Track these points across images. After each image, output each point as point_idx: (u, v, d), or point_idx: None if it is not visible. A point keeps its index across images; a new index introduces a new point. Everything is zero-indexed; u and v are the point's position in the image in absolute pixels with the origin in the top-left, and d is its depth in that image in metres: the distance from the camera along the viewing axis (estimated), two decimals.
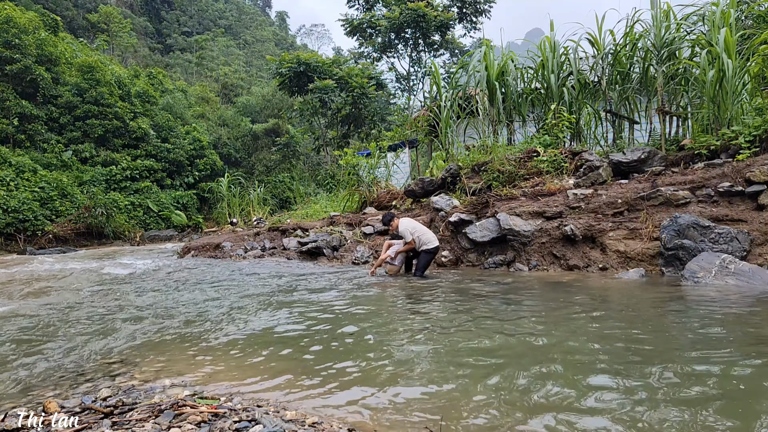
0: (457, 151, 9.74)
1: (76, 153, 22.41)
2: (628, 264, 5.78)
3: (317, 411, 2.25)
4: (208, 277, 7.37)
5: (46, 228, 17.84)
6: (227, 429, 1.92)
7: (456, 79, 10.35)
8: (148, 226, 22.77)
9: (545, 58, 8.89)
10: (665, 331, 3.35)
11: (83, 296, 5.95)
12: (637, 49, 8.28)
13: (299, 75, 22.01)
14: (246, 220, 17.95)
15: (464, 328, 3.62)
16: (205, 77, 46.52)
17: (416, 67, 28.15)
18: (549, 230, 6.52)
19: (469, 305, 4.51)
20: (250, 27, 70.11)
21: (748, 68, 6.82)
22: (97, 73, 23.46)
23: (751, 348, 2.82)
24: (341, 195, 13.14)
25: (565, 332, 3.35)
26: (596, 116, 8.99)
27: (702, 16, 7.65)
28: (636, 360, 2.69)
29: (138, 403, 2.27)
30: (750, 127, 6.28)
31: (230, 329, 3.93)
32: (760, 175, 5.48)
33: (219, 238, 11.52)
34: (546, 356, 2.84)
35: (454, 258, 7.30)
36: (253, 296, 5.44)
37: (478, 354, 2.98)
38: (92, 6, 45.54)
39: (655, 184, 6.35)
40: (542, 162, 7.65)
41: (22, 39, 20.27)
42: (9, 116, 20.10)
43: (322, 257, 8.77)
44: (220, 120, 33.65)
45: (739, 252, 5.01)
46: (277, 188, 29.21)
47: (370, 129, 21.45)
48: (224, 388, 2.59)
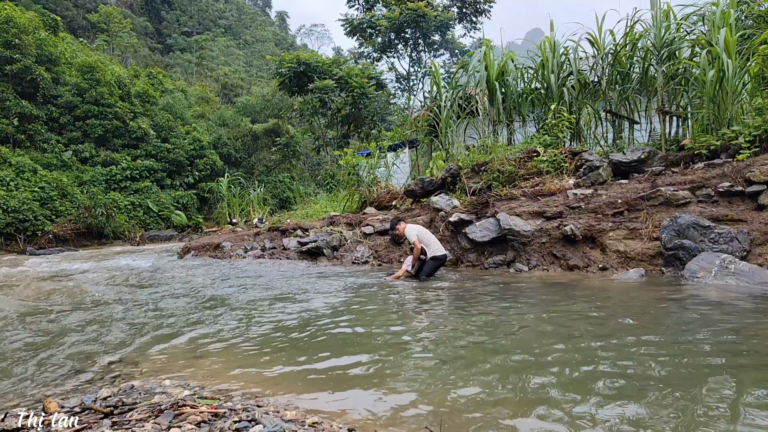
0: (457, 151, 9.74)
1: (76, 153, 22.41)
2: (628, 264, 5.78)
3: (317, 411, 2.25)
4: (207, 277, 7.37)
5: (46, 228, 17.84)
6: (227, 429, 1.92)
7: (456, 79, 10.35)
8: (148, 226, 22.76)
9: (545, 58, 8.89)
10: (666, 331, 3.35)
11: (83, 296, 5.95)
12: (637, 49, 8.28)
13: (299, 75, 21.99)
14: (246, 220, 17.94)
15: (464, 328, 3.62)
16: (205, 77, 46.53)
17: (416, 67, 28.16)
18: (549, 230, 6.52)
19: (470, 305, 4.51)
20: (250, 27, 70.08)
21: (748, 68, 6.82)
22: (97, 73, 23.46)
23: (751, 349, 2.82)
24: (341, 195, 13.14)
25: (565, 332, 3.35)
26: (596, 116, 8.98)
27: (702, 16, 7.65)
28: (638, 364, 2.69)
29: (138, 403, 2.27)
30: (750, 127, 6.28)
31: (230, 329, 3.93)
32: (760, 175, 5.48)
33: (219, 238, 11.52)
34: (546, 356, 2.84)
35: (454, 258, 7.30)
36: (253, 296, 5.44)
37: (478, 354, 2.98)
38: (92, 6, 45.54)
39: (655, 184, 6.35)
40: (542, 162, 7.65)
41: (22, 39, 20.28)
42: (9, 116, 20.10)
43: (322, 257, 8.77)
44: (220, 120, 33.64)
45: (739, 252, 5.01)
46: (277, 188, 29.21)
47: (370, 129, 21.44)
48: (224, 388, 2.59)
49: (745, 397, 2.17)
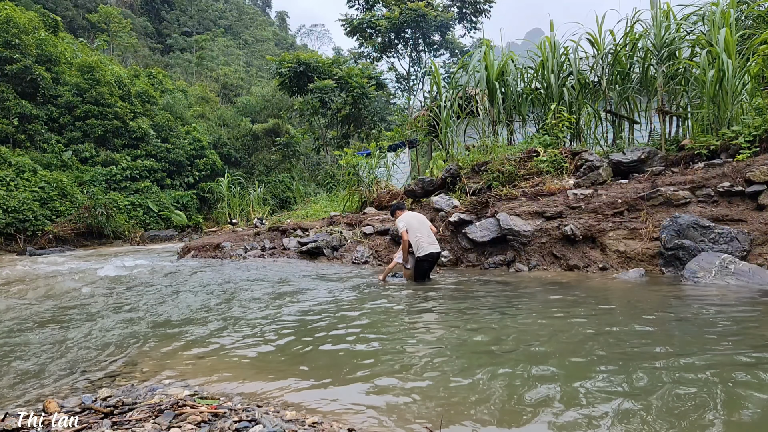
0: (457, 151, 9.73)
1: (76, 153, 22.40)
2: (628, 264, 5.78)
3: (317, 411, 2.25)
4: (207, 277, 7.37)
5: (46, 228, 17.83)
6: (227, 429, 1.92)
7: (456, 79, 10.35)
8: (148, 226, 22.75)
9: (545, 58, 8.89)
10: (666, 331, 3.34)
11: (82, 297, 5.95)
12: (637, 49, 8.28)
13: (299, 75, 22.00)
14: (246, 220, 17.94)
15: (464, 329, 3.62)
16: (205, 77, 46.51)
17: (416, 67, 28.18)
18: (549, 230, 6.52)
19: (470, 306, 4.51)
20: (250, 27, 70.08)
21: (748, 68, 6.82)
22: (97, 73, 23.45)
23: (750, 348, 2.81)
24: (341, 195, 13.14)
25: (565, 331, 3.35)
26: (596, 116, 8.98)
27: (702, 16, 7.65)
28: (637, 363, 2.69)
29: (138, 403, 2.27)
30: (750, 127, 6.28)
31: (230, 329, 3.93)
32: (760, 175, 5.48)
33: (219, 238, 11.51)
34: (546, 356, 2.84)
35: (454, 258, 7.30)
36: (253, 296, 5.44)
37: (478, 354, 2.98)
38: (92, 6, 45.55)
39: (655, 184, 6.35)
40: (542, 162, 7.65)
41: (22, 39, 20.26)
42: (9, 116, 20.09)
43: (322, 257, 8.77)
44: (220, 120, 33.62)
45: (739, 252, 5.01)
46: (277, 188, 29.19)
47: (370, 129, 21.44)
48: (224, 388, 2.59)
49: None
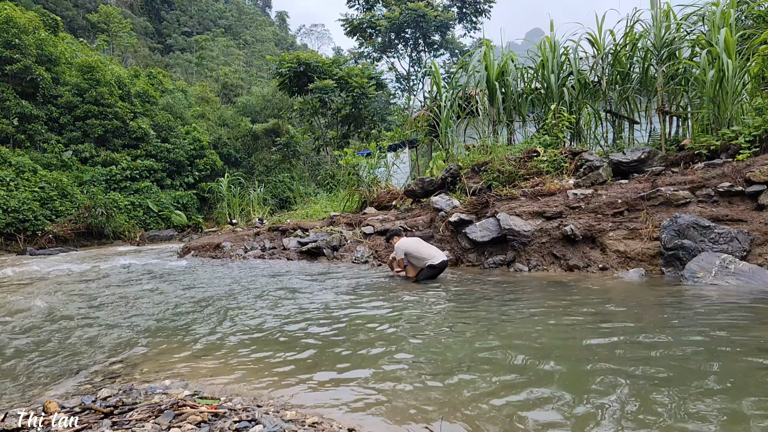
0: (457, 151, 9.74)
1: (76, 153, 22.41)
2: (628, 264, 5.78)
3: (317, 411, 2.25)
4: (207, 277, 7.37)
5: (46, 228, 17.84)
6: (227, 429, 1.92)
7: (456, 79, 10.35)
8: (148, 226, 22.76)
9: (545, 58, 8.89)
10: (666, 331, 3.34)
11: (81, 297, 5.95)
12: (637, 49, 8.28)
13: (299, 75, 22.01)
14: (247, 220, 17.94)
15: (464, 328, 3.62)
16: (205, 77, 46.54)
17: (416, 67, 28.19)
18: (549, 230, 6.52)
19: (470, 306, 4.51)
20: (250, 27, 70.10)
21: (748, 68, 6.82)
22: (97, 73, 23.46)
23: (751, 349, 2.81)
24: (341, 195, 13.14)
25: (564, 331, 3.35)
26: (596, 116, 8.98)
27: (702, 16, 7.65)
28: (638, 364, 2.69)
29: (138, 403, 2.27)
30: (750, 127, 6.28)
31: (230, 329, 3.93)
32: (760, 175, 5.48)
33: (219, 238, 11.52)
34: (545, 356, 2.84)
35: (454, 258, 7.29)
36: (253, 296, 5.44)
37: (478, 354, 2.98)
38: (92, 6, 45.58)
39: (655, 184, 6.35)
40: (542, 162, 7.65)
41: (22, 39, 20.27)
42: (9, 116, 20.10)
43: (322, 257, 8.77)
44: (220, 120, 33.64)
45: (739, 252, 5.01)
46: (277, 188, 29.20)
47: (370, 129, 21.45)
48: (224, 388, 2.59)
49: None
